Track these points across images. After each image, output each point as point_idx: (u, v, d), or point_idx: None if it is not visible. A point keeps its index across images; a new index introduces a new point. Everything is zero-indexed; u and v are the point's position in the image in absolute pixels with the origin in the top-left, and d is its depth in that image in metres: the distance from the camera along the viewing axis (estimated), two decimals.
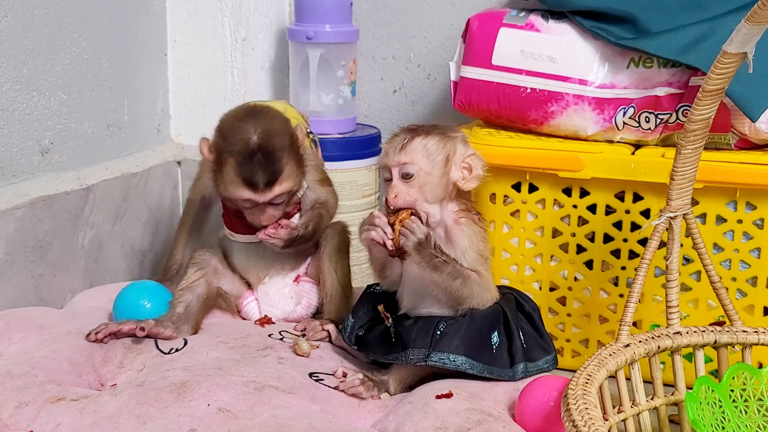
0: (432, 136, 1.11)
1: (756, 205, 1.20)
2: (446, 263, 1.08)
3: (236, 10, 1.62)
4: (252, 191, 1.20)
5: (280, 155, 1.20)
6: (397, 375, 1.15)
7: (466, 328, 1.11)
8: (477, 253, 1.12)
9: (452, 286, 1.09)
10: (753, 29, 0.88)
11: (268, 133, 1.20)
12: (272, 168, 1.20)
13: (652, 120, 1.27)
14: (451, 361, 1.10)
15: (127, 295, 1.28)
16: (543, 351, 1.19)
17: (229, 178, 1.21)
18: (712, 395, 0.98)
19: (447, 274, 1.08)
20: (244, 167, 1.19)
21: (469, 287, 1.10)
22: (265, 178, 1.19)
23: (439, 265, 1.08)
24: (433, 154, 1.10)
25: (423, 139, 1.10)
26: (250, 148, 1.19)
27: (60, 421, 1.02)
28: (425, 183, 1.10)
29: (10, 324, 1.23)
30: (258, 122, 1.21)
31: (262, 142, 1.19)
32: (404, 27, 1.70)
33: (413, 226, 1.07)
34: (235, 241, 1.34)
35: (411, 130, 1.12)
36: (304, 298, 1.35)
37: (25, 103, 1.34)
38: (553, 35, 1.33)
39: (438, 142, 1.10)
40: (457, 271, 1.09)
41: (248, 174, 1.19)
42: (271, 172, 1.20)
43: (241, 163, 1.19)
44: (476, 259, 1.12)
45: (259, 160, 1.19)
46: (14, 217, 1.30)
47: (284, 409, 1.03)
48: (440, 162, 1.10)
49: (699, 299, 1.25)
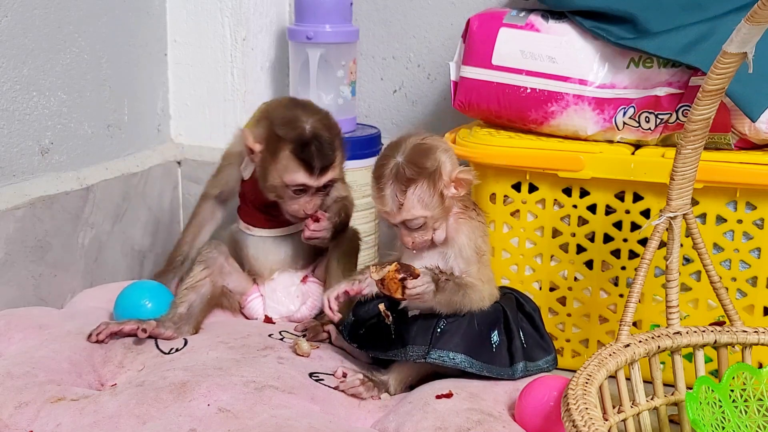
0: (421, 184, 1.10)
1: (756, 205, 1.20)
2: (448, 281, 1.10)
3: (236, 10, 1.62)
4: (308, 175, 1.25)
5: (333, 142, 1.26)
6: (397, 375, 1.15)
7: (466, 326, 1.11)
8: (474, 250, 1.14)
9: (454, 300, 1.11)
10: (753, 29, 0.88)
11: (321, 122, 1.27)
12: (327, 153, 1.25)
13: (652, 120, 1.27)
14: (451, 359, 1.10)
15: (128, 294, 1.28)
16: (543, 351, 1.19)
17: (284, 164, 1.25)
18: (712, 395, 0.97)
19: (449, 291, 1.10)
20: (303, 152, 1.24)
21: (468, 297, 1.12)
22: (321, 163, 1.25)
23: (442, 284, 1.09)
24: (429, 200, 1.11)
25: (415, 192, 1.10)
26: (306, 135, 1.24)
27: (60, 421, 1.02)
28: (433, 221, 1.12)
29: (10, 324, 1.23)
30: (308, 113, 1.27)
31: (316, 129, 1.25)
32: (404, 27, 1.70)
33: (419, 290, 1.07)
34: (251, 235, 1.34)
35: (397, 179, 1.11)
36: (309, 299, 1.35)
37: (25, 103, 1.34)
38: (553, 35, 1.33)
39: (428, 187, 1.11)
40: (457, 285, 1.11)
41: (306, 158, 1.24)
42: (326, 157, 1.25)
43: (299, 148, 1.24)
44: (473, 256, 1.14)
45: (317, 146, 1.24)
46: (14, 217, 1.30)
47: (284, 409, 1.03)
48: (436, 199, 1.11)
49: (699, 299, 1.25)
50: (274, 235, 1.34)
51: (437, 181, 1.11)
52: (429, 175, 1.11)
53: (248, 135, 1.28)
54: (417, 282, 1.07)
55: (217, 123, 1.67)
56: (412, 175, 1.10)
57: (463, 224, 1.14)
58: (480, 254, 1.14)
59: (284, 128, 1.25)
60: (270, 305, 1.35)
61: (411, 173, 1.10)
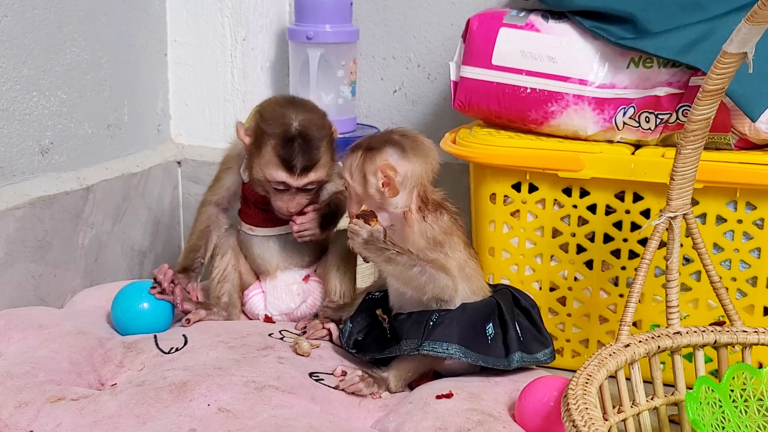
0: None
1: (756, 205, 1.20)
2: (400, 254, 1.10)
3: (236, 10, 1.63)
4: (288, 174, 1.24)
5: (318, 143, 1.25)
6: (397, 371, 1.15)
7: (459, 318, 1.12)
8: (427, 240, 1.14)
9: (410, 275, 1.11)
10: (753, 29, 0.88)
11: (309, 122, 1.25)
12: (310, 154, 1.24)
13: (652, 120, 1.27)
14: (444, 350, 1.10)
15: (125, 295, 1.28)
16: (541, 344, 1.19)
17: (266, 159, 1.25)
18: (712, 395, 0.98)
19: (402, 264, 1.10)
20: (284, 149, 1.23)
21: (428, 275, 1.11)
22: (302, 163, 1.24)
23: (393, 257, 1.10)
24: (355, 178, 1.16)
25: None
26: (291, 133, 1.23)
27: (60, 421, 1.02)
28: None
29: (10, 324, 1.23)
30: (299, 111, 1.26)
31: (302, 128, 1.24)
32: (404, 27, 1.70)
33: (355, 228, 1.11)
34: (254, 235, 1.35)
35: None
36: (310, 297, 1.36)
37: (25, 103, 1.34)
38: (553, 35, 1.33)
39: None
40: (412, 260, 1.11)
41: (287, 156, 1.23)
42: (309, 157, 1.24)
43: (281, 145, 1.23)
44: (427, 247, 1.14)
45: (299, 145, 1.23)
46: (14, 217, 1.30)
47: (284, 409, 1.03)
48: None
49: (699, 299, 1.25)
50: (277, 234, 1.34)
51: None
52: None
53: (240, 127, 1.29)
54: (359, 222, 1.11)
55: (217, 123, 1.67)
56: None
57: (414, 222, 1.15)
58: (438, 246, 1.14)
59: (270, 124, 1.25)
60: (270, 301, 1.35)
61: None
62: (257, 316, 1.36)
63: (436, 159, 1.17)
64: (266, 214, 1.33)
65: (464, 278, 1.15)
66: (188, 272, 1.33)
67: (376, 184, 1.13)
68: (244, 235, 1.37)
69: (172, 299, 1.27)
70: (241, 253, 1.37)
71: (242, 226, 1.37)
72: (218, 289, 1.35)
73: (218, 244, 1.36)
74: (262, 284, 1.38)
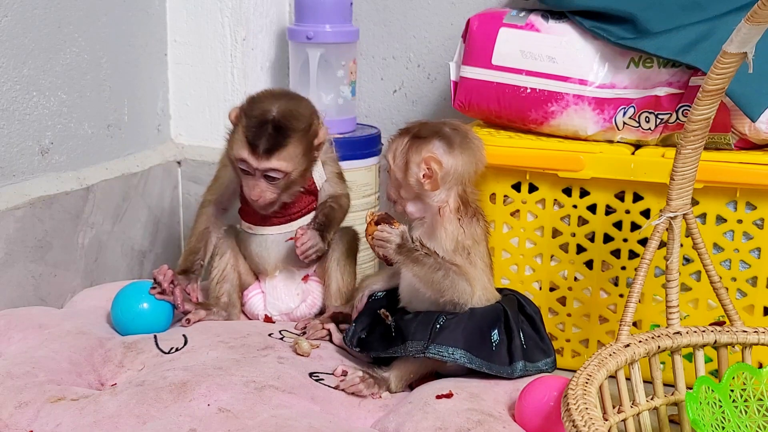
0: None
1: (756, 205, 1.20)
2: (428, 255, 1.10)
3: (236, 10, 1.62)
4: (250, 153, 1.24)
5: (289, 134, 1.25)
6: (398, 371, 1.15)
7: (466, 323, 1.11)
8: (456, 244, 1.13)
9: (434, 278, 1.10)
10: (753, 29, 0.88)
11: (288, 113, 1.26)
12: (276, 139, 1.24)
13: (652, 120, 1.27)
14: (450, 354, 1.10)
15: (125, 296, 1.28)
16: (542, 353, 1.19)
17: (236, 137, 1.26)
18: (712, 395, 0.97)
19: (429, 266, 1.10)
20: (253, 130, 1.24)
21: (450, 279, 1.11)
22: (265, 145, 1.24)
23: (420, 258, 1.10)
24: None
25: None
26: (266, 117, 1.24)
27: (60, 421, 1.02)
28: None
29: (10, 324, 1.23)
30: (283, 102, 1.27)
31: (278, 115, 1.24)
32: (404, 27, 1.70)
33: (385, 235, 1.10)
34: (253, 234, 1.35)
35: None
36: (309, 297, 1.36)
37: (25, 103, 1.34)
38: (553, 35, 1.33)
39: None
40: (438, 263, 1.10)
41: (252, 137, 1.24)
42: (274, 141, 1.24)
43: (252, 126, 1.24)
44: (455, 250, 1.13)
45: (270, 129, 1.24)
46: (14, 217, 1.30)
47: (284, 409, 1.03)
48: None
49: (699, 299, 1.25)
50: (276, 233, 1.34)
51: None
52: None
53: (233, 112, 1.30)
54: (385, 228, 1.09)
55: (217, 123, 1.67)
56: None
57: (447, 221, 1.14)
58: (465, 252, 1.14)
59: (249, 105, 1.27)
60: (270, 301, 1.35)
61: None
62: (257, 316, 1.36)
63: (483, 159, 1.16)
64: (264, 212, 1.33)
65: (482, 287, 1.15)
66: (188, 274, 1.33)
67: (417, 175, 1.13)
68: (243, 233, 1.37)
69: (172, 300, 1.27)
70: (240, 254, 1.37)
71: (242, 224, 1.37)
72: (218, 289, 1.35)
73: (217, 245, 1.37)
74: (261, 284, 1.38)
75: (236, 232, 1.38)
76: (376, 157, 1.60)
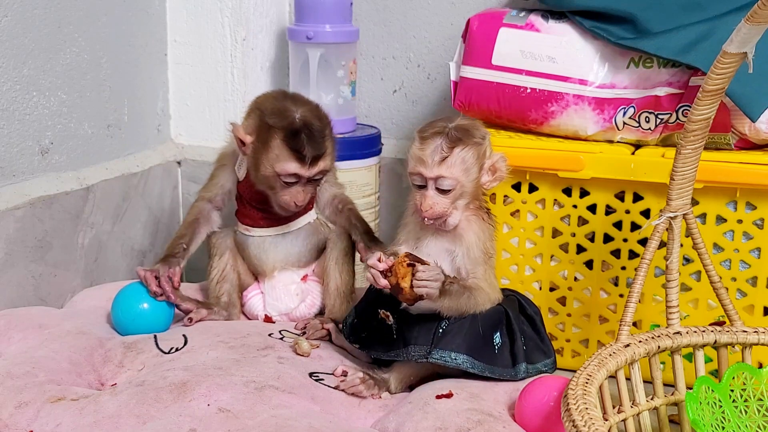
0: (469, 147, 1.11)
1: (756, 205, 1.20)
2: (452, 284, 1.09)
3: (236, 10, 1.62)
4: (300, 164, 1.23)
5: (323, 133, 1.25)
6: (398, 373, 1.15)
7: (468, 327, 1.11)
8: (481, 251, 1.13)
9: (460, 303, 1.10)
10: (753, 29, 0.88)
11: (311, 111, 1.26)
12: (318, 143, 1.24)
13: (652, 120, 1.27)
14: (453, 359, 1.10)
15: (125, 296, 1.28)
16: (543, 354, 1.19)
17: (276, 153, 1.24)
18: (712, 395, 0.98)
19: (455, 294, 1.09)
20: (293, 141, 1.23)
21: (473, 300, 1.11)
22: (312, 152, 1.23)
23: (448, 288, 1.08)
24: (471, 167, 1.11)
25: (461, 152, 1.10)
26: (296, 124, 1.23)
27: (60, 421, 1.02)
28: (460, 194, 1.11)
29: (10, 324, 1.23)
30: (296, 103, 1.26)
31: (306, 118, 1.24)
32: (404, 27, 1.70)
33: (428, 276, 1.06)
34: (251, 236, 1.35)
35: (447, 136, 1.10)
36: (308, 297, 1.36)
37: (25, 103, 1.34)
38: (553, 35, 1.33)
39: (474, 154, 1.11)
40: (463, 288, 1.10)
41: (297, 147, 1.22)
42: (317, 146, 1.24)
43: (289, 137, 1.23)
44: (480, 257, 1.13)
45: (307, 134, 1.23)
46: (14, 217, 1.30)
47: (284, 409, 1.03)
48: (475, 172, 1.11)
49: (699, 299, 1.25)
50: (273, 234, 1.34)
51: (481, 156, 1.12)
52: (476, 144, 1.11)
53: (239, 128, 1.28)
54: (428, 268, 1.06)
55: (217, 123, 1.67)
56: (462, 136, 1.10)
57: (474, 222, 1.13)
58: (487, 256, 1.14)
59: (274, 117, 1.24)
60: (269, 302, 1.35)
61: (461, 135, 1.10)
62: (256, 317, 1.36)
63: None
64: (262, 213, 1.33)
65: (494, 289, 1.16)
66: (168, 259, 1.31)
67: (488, 177, 1.13)
68: (240, 236, 1.37)
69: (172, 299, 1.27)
70: (238, 254, 1.37)
71: (239, 227, 1.37)
72: (217, 289, 1.35)
73: (216, 245, 1.36)
74: (260, 285, 1.38)
75: (234, 233, 1.38)
76: (377, 157, 1.60)
